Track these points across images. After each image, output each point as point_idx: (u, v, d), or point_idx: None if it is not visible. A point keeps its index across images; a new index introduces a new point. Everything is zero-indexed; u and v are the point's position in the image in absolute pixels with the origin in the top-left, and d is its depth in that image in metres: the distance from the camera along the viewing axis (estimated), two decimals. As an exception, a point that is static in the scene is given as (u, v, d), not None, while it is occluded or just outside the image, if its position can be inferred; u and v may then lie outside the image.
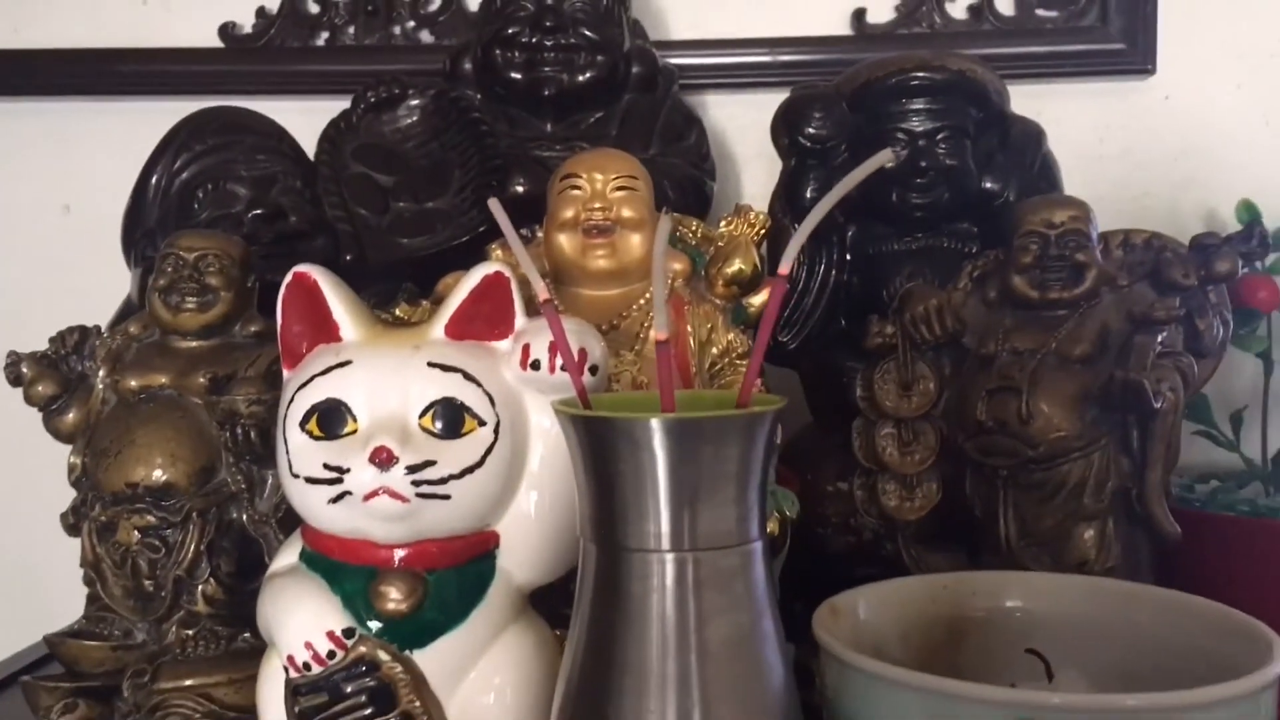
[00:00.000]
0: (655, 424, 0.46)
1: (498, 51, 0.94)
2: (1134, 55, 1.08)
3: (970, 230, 0.85)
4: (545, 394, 0.55)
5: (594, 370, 0.55)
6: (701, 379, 0.70)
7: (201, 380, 0.68)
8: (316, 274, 0.58)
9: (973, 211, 0.84)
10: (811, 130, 0.83)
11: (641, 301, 0.70)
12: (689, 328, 0.70)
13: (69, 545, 0.71)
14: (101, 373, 0.70)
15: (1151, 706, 0.46)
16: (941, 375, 0.73)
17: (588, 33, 0.93)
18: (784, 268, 0.48)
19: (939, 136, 0.82)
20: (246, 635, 0.67)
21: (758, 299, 0.72)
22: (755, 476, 0.48)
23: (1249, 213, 1.01)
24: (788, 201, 0.84)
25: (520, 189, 0.88)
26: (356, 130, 0.93)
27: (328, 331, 0.57)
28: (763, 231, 0.74)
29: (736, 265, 0.70)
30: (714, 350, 0.70)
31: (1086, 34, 1.09)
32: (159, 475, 0.66)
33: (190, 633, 0.67)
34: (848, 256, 0.86)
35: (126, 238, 0.88)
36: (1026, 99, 0.98)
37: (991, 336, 0.72)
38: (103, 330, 0.72)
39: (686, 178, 0.94)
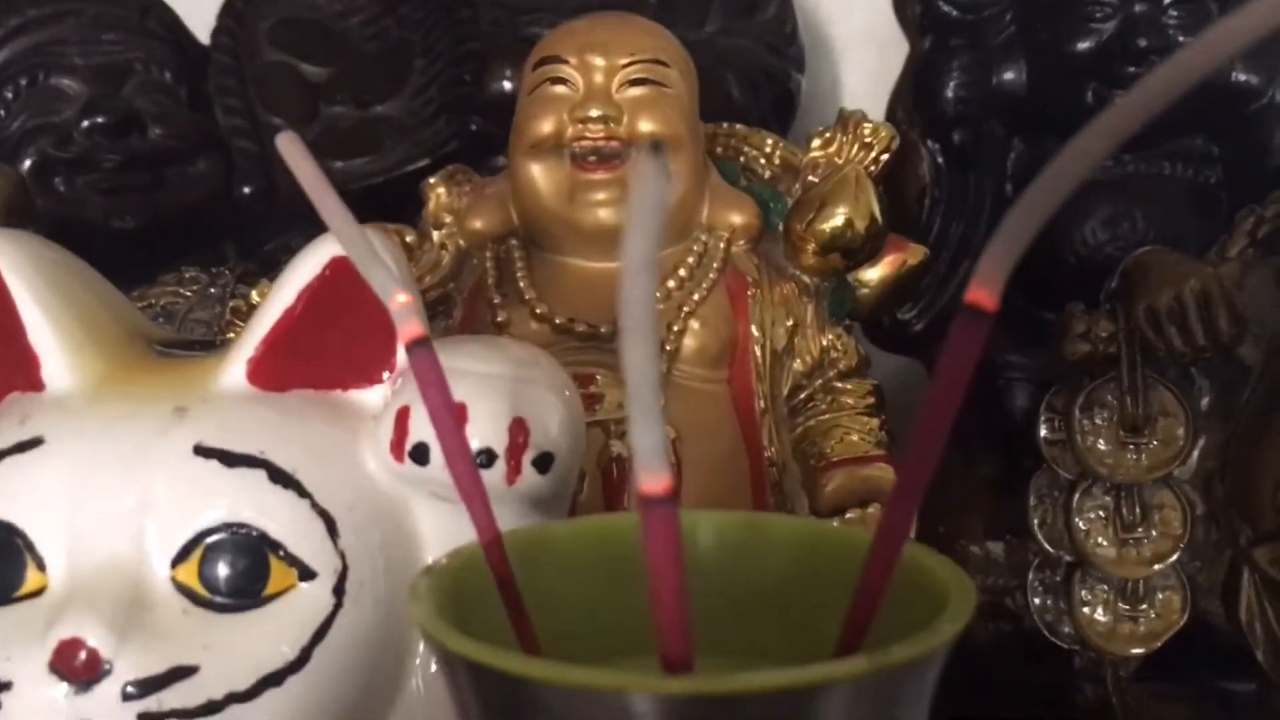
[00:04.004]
0: (645, 705, 0.18)
1: None
2: None
3: (1208, 149, 0.68)
4: (451, 501, 0.29)
5: (543, 464, 0.30)
6: (775, 417, 0.44)
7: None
8: (7, 255, 0.31)
9: (1213, 120, 0.66)
10: (960, -10, 0.66)
11: (671, 284, 0.43)
12: (754, 327, 0.45)
13: None
14: None
15: None
16: (1196, 414, 0.52)
17: None
18: (977, 291, 0.19)
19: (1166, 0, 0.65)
20: None
21: (875, 274, 0.46)
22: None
23: None
24: (919, 103, 0.67)
25: (507, 86, 0.70)
26: (276, -1, 0.76)
27: (25, 370, 0.31)
28: (884, 156, 0.49)
29: (841, 216, 0.46)
30: (798, 364, 0.46)
31: None
32: None
33: None
34: (1008, 188, 0.68)
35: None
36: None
37: (1301, 352, 0.49)
38: None
39: (760, 69, 0.74)
